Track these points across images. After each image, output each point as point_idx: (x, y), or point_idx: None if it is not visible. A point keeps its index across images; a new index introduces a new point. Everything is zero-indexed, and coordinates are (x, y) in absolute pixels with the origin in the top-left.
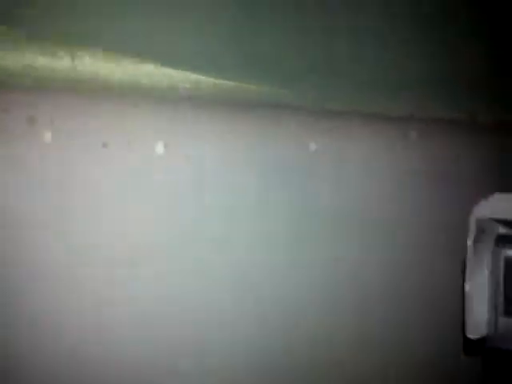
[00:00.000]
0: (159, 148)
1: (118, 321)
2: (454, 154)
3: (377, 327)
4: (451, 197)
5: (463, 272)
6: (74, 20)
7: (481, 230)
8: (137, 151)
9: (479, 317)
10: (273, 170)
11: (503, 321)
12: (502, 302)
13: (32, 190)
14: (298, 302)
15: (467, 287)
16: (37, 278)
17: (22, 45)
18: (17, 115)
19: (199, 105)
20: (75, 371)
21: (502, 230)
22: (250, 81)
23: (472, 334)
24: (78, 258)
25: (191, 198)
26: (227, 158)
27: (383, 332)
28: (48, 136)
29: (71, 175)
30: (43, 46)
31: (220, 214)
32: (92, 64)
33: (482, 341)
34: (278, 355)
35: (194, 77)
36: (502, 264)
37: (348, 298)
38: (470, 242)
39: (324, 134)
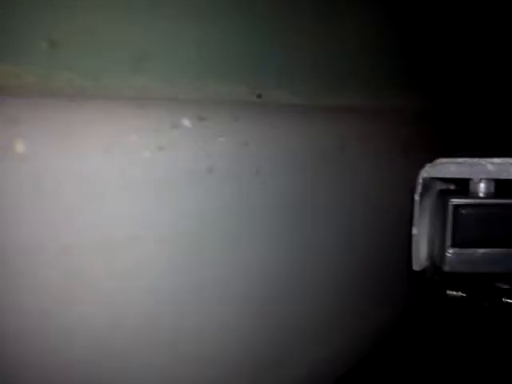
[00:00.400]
0: None
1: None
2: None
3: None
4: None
5: (410, 219)
6: None
7: (425, 187)
8: None
9: (422, 254)
10: None
11: (451, 250)
12: (450, 237)
13: None
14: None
15: (414, 231)
16: None
17: None
18: None
19: None
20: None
21: (442, 185)
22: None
23: (416, 267)
24: None
25: None
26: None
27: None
28: None
29: None
30: None
31: None
32: None
33: (423, 271)
34: None
35: None
36: (449, 209)
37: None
38: (416, 197)
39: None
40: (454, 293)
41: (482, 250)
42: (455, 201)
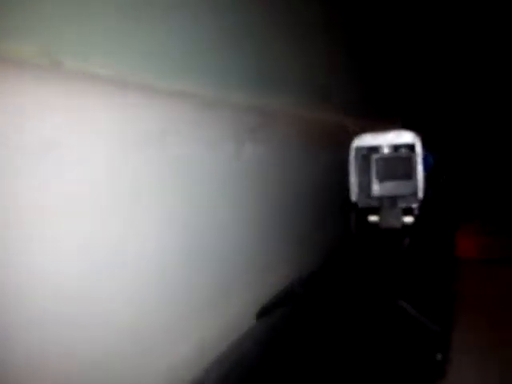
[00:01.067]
0: None
1: None
2: None
3: None
4: None
5: (348, 172)
6: None
7: (357, 152)
8: None
9: (356, 191)
10: None
11: (376, 183)
12: (375, 176)
13: None
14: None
15: (352, 179)
16: None
17: None
18: None
19: None
20: None
21: (364, 151)
22: None
23: (354, 198)
24: None
25: None
26: None
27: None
28: None
29: None
30: None
31: None
32: None
33: (356, 203)
34: None
35: None
36: (372, 160)
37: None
38: (351, 159)
39: None
40: (373, 218)
41: (392, 182)
42: (376, 156)
